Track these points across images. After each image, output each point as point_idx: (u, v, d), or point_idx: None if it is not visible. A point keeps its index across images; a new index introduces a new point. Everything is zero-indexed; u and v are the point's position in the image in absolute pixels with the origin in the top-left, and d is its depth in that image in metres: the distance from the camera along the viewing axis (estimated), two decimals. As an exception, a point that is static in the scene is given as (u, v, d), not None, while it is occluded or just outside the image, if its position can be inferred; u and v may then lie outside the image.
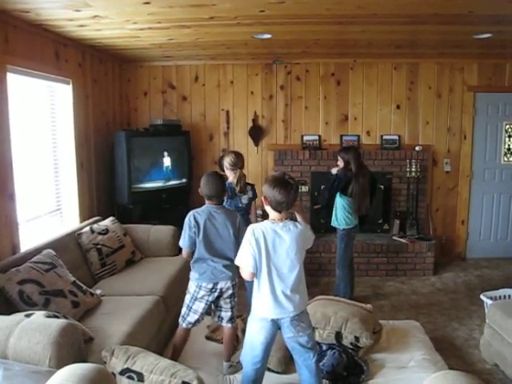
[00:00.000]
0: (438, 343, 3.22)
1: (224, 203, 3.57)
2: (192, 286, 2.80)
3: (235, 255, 2.56)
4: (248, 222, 3.11)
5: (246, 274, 2.29)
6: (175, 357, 2.78)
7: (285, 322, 2.27)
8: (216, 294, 2.77)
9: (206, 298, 2.77)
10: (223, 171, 5.34)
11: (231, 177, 3.63)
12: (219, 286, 2.75)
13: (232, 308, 2.83)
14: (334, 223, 4.04)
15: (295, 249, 2.25)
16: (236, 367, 2.80)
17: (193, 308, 2.79)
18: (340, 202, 3.94)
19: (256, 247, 2.22)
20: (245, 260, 2.26)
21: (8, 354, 1.99)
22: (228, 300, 2.81)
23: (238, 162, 3.61)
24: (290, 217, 2.33)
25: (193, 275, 2.80)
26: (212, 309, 2.87)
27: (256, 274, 2.26)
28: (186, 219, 2.76)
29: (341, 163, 3.93)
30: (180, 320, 2.84)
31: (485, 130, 5.36)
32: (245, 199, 3.56)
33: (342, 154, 3.95)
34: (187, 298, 2.82)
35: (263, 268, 2.23)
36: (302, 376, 2.38)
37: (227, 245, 2.75)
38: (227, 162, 3.63)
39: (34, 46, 3.50)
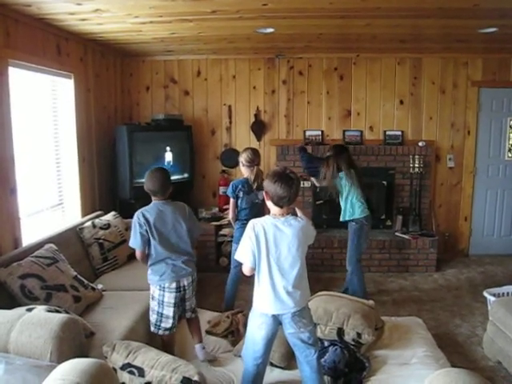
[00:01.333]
0: (440, 340, 3.21)
1: (240, 198, 3.60)
2: (155, 291, 2.68)
3: (192, 248, 2.60)
4: None
5: (245, 269, 2.28)
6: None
7: (286, 317, 2.26)
8: (181, 293, 2.69)
9: (173, 300, 2.66)
10: (227, 167, 5.42)
11: (247, 173, 3.61)
12: (182, 284, 2.68)
13: (193, 300, 2.81)
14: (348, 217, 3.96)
15: (297, 244, 2.23)
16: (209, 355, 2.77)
17: (164, 314, 2.67)
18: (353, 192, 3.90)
19: (255, 242, 2.20)
20: (244, 255, 2.25)
21: (9, 348, 1.99)
22: (190, 294, 2.76)
23: (255, 158, 3.60)
24: (292, 212, 2.31)
25: (152, 279, 2.68)
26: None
27: (255, 269, 2.25)
28: (134, 218, 2.65)
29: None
30: (153, 328, 2.71)
31: (489, 126, 5.32)
32: (261, 195, 3.51)
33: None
34: (153, 304, 2.70)
35: (263, 263, 2.22)
36: (303, 372, 2.37)
37: (183, 239, 2.70)
38: (244, 158, 3.61)
39: (35, 40, 3.49)
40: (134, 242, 2.66)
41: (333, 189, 3.95)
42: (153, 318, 2.71)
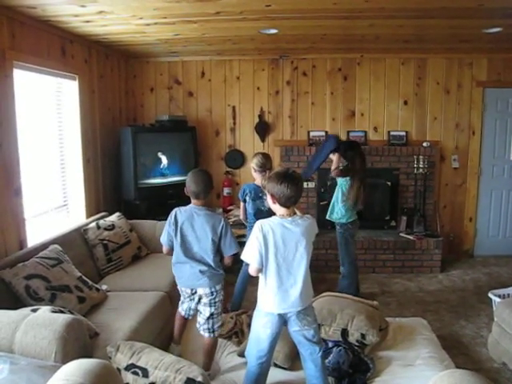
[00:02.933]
0: (444, 341, 3.19)
1: (247, 203, 3.58)
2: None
3: (214, 262, 2.56)
4: None
5: (251, 269, 2.28)
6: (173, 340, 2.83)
7: (291, 315, 2.27)
8: (196, 299, 2.69)
9: (188, 301, 2.74)
10: (232, 168, 5.42)
11: (259, 179, 3.54)
12: (198, 293, 2.67)
13: (210, 317, 2.66)
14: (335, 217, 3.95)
15: (304, 242, 2.24)
16: (212, 374, 2.69)
17: (182, 304, 2.82)
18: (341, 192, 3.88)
19: (263, 243, 2.20)
20: (251, 255, 2.25)
21: (14, 348, 2.00)
22: (206, 308, 2.66)
23: (267, 163, 3.53)
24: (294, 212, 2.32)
25: (175, 276, 2.76)
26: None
27: (262, 269, 2.25)
28: (170, 215, 2.68)
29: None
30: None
31: (494, 126, 5.29)
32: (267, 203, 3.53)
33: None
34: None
35: (271, 263, 2.22)
36: (307, 370, 2.38)
37: (205, 250, 2.61)
38: (254, 163, 3.54)
39: (40, 42, 3.51)
40: (163, 237, 2.73)
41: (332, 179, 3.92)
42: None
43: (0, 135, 3.00)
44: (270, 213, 2.70)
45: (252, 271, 2.29)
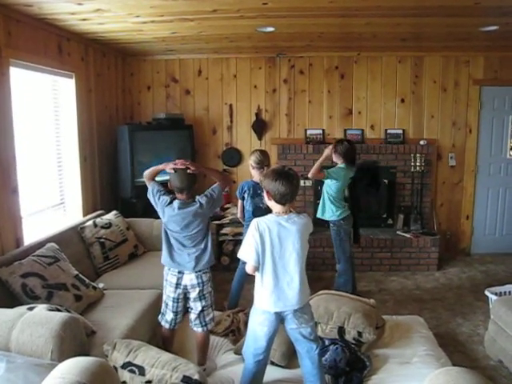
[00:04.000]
0: (441, 339, 3.21)
1: (245, 200, 3.57)
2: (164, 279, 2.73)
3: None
4: None
5: (248, 267, 2.28)
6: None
7: (288, 314, 2.27)
8: (182, 290, 2.68)
9: (173, 294, 2.70)
10: (229, 166, 5.42)
11: (256, 176, 3.55)
12: (184, 283, 2.66)
13: (201, 311, 2.67)
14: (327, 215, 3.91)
15: (300, 241, 2.24)
16: (208, 370, 2.67)
17: (163, 316, 2.76)
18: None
19: (260, 241, 2.20)
20: (248, 254, 2.24)
21: (11, 346, 2.00)
22: (197, 303, 2.67)
23: (265, 159, 3.56)
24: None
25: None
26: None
27: (258, 267, 2.25)
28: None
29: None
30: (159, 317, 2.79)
31: (490, 124, 5.31)
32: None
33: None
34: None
35: (267, 261, 2.22)
36: (304, 368, 2.38)
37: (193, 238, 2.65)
38: (252, 160, 3.57)
39: (37, 40, 3.50)
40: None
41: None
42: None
43: (-4, 133, 2.99)
44: (268, 210, 2.66)
45: (249, 269, 2.28)
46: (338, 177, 3.76)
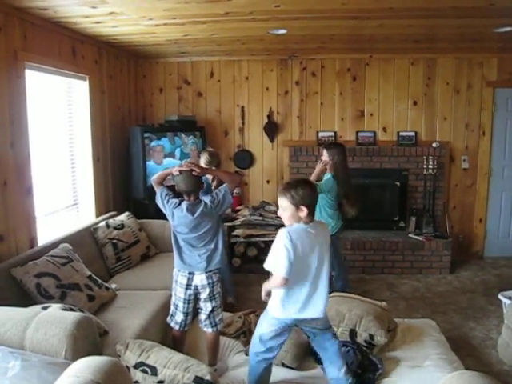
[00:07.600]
0: (453, 343, 3.16)
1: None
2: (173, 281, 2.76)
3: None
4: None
5: (277, 280, 2.12)
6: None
7: (309, 321, 2.26)
8: (193, 291, 2.69)
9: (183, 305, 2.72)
10: (240, 168, 5.43)
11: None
12: (194, 283, 2.68)
13: (211, 312, 2.69)
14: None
15: (326, 248, 2.23)
16: (219, 371, 2.66)
17: (173, 318, 2.78)
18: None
19: (292, 251, 2.09)
20: (281, 266, 2.10)
21: (25, 345, 2.02)
22: (207, 303, 2.69)
23: (213, 160, 3.73)
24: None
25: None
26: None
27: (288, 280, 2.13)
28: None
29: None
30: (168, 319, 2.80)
31: (504, 126, 5.24)
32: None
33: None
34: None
35: (298, 271, 2.13)
36: (326, 355, 2.34)
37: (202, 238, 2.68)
38: (203, 161, 3.72)
39: (51, 43, 3.55)
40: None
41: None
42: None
43: (12, 135, 3.04)
44: None
45: (278, 282, 2.13)
46: (330, 189, 3.70)
